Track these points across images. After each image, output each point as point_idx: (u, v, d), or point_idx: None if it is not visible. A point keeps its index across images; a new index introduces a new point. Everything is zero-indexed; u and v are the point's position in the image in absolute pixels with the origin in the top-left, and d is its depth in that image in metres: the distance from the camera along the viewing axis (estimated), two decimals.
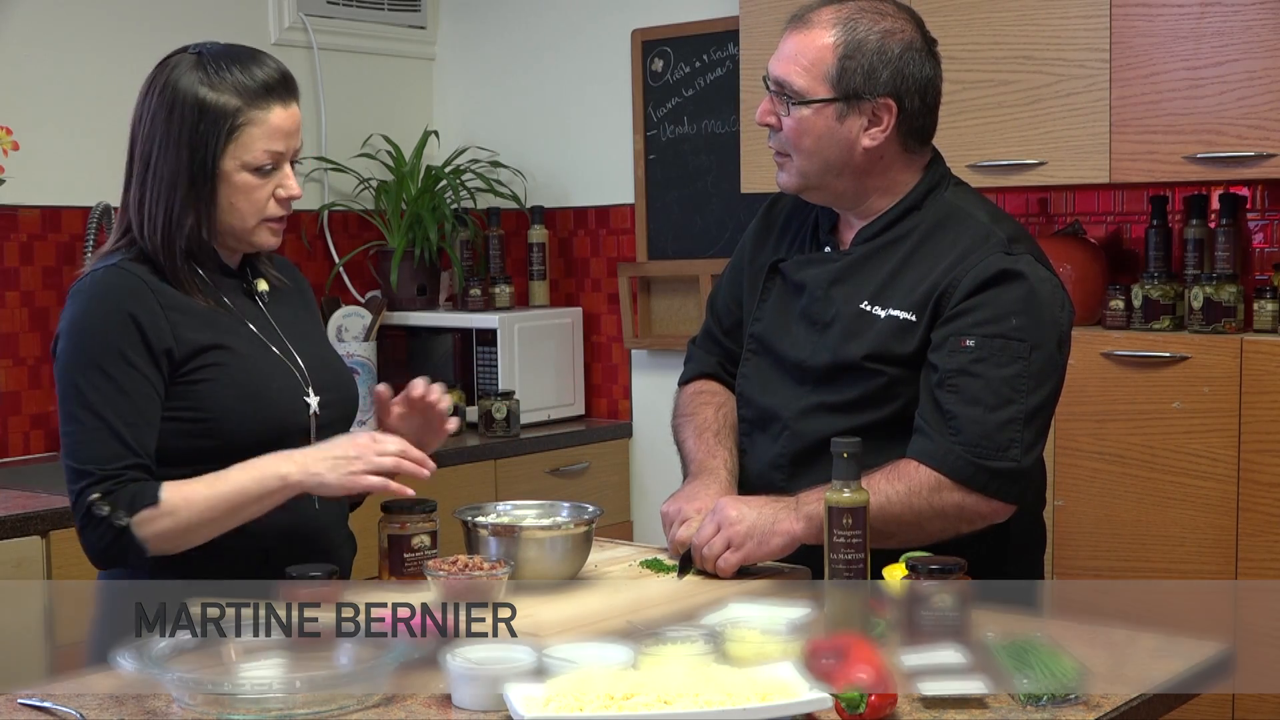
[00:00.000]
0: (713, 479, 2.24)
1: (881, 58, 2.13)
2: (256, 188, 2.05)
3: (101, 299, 2.01)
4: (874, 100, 2.14)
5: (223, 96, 2.01)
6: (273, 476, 1.97)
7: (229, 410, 2.02)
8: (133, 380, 1.98)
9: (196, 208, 2.03)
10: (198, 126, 2.01)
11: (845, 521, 1.83)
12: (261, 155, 2.03)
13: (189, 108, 2.01)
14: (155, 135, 2.03)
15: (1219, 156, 3.05)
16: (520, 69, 4.57)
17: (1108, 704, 1.65)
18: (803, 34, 2.16)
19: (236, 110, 2.01)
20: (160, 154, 2.03)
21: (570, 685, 1.57)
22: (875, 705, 1.57)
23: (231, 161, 2.02)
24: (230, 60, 2.05)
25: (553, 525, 2.07)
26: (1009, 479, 2.05)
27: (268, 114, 2.03)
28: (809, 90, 2.14)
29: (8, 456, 3.62)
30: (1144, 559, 3.15)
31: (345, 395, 2.21)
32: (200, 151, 2.01)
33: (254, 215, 2.06)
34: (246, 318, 2.12)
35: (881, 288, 2.16)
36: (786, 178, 2.22)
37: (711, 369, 2.44)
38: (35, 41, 3.69)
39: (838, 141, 2.15)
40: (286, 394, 2.09)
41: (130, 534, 1.94)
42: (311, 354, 2.17)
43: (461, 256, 4.38)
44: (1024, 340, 2.07)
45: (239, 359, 2.05)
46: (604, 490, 4.20)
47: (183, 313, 2.03)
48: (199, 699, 1.63)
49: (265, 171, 2.04)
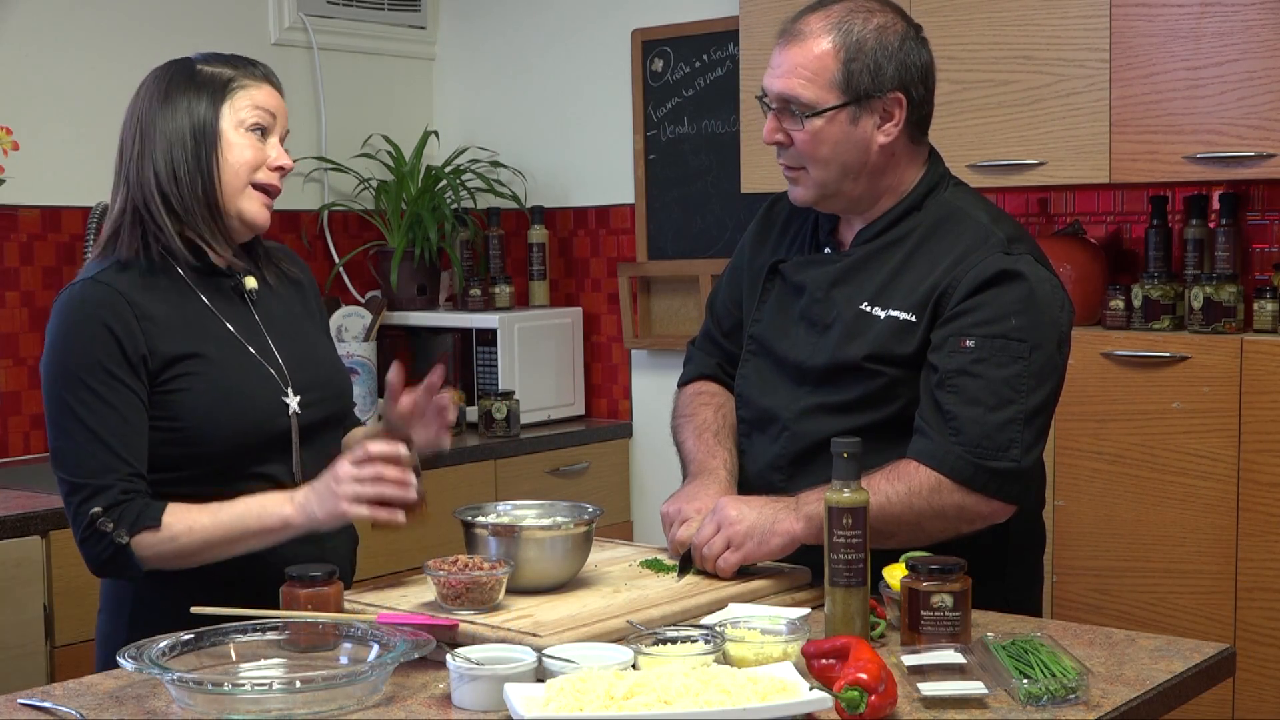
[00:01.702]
0: (712, 479, 2.24)
1: (884, 53, 2.12)
2: (248, 146, 2.10)
3: (78, 313, 2.02)
4: (884, 97, 2.13)
5: (216, 68, 2.13)
6: (274, 517, 1.99)
7: (205, 418, 2.03)
8: (116, 392, 1.99)
9: (200, 169, 2.08)
10: (196, 90, 2.09)
11: (845, 521, 1.83)
12: (252, 113, 2.11)
13: (184, 80, 2.10)
14: (151, 119, 2.09)
15: (1219, 156, 3.05)
16: (520, 69, 4.57)
17: (1108, 704, 1.66)
18: (797, 46, 2.14)
19: (230, 77, 2.12)
20: (158, 128, 2.08)
21: (570, 685, 1.57)
22: (875, 705, 1.57)
23: (226, 120, 2.09)
24: (221, 53, 2.18)
25: (553, 525, 2.07)
26: (1009, 479, 2.05)
27: (259, 85, 2.13)
28: (818, 100, 2.12)
29: (8, 456, 3.62)
30: (1144, 559, 3.15)
31: (333, 393, 2.21)
32: (199, 109, 2.08)
33: (245, 173, 2.10)
34: (228, 318, 2.11)
35: (881, 288, 2.16)
36: (802, 191, 2.20)
37: (710, 370, 2.44)
38: (35, 41, 3.69)
39: (854, 144, 2.14)
40: (262, 397, 2.08)
41: (129, 552, 1.97)
42: (297, 352, 2.17)
43: (461, 256, 4.38)
44: (1024, 340, 2.07)
45: (213, 365, 2.05)
46: (604, 490, 4.20)
47: (157, 322, 2.03)
48: (199, 699, 1.63)
49: (258, 133, 2.11)
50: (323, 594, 1.86)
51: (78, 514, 1.98)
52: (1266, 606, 3.00)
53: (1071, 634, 1.94)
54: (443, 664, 1.71)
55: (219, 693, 1.63)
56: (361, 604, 1.96)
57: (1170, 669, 1.78)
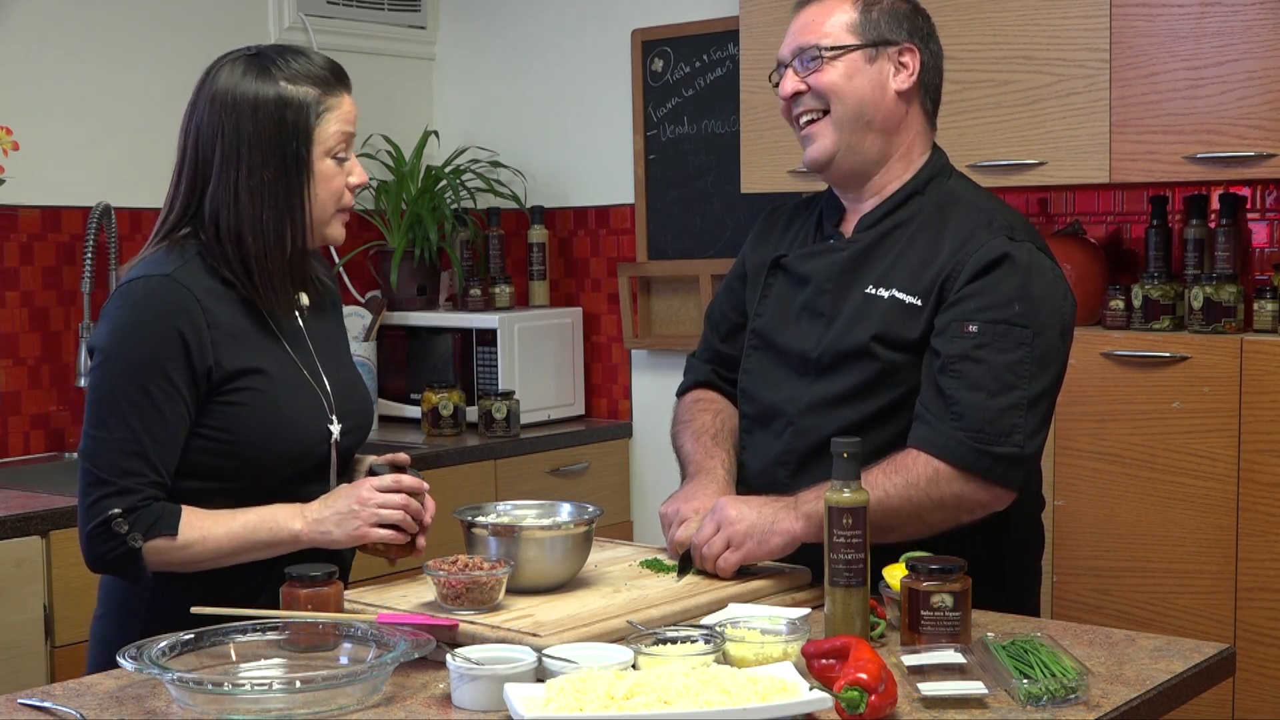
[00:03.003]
0: (710, 479, 2.24)
1: (899, 8, 2.21)
2: (334, 175, 2.06)
3: (152, 311, 1.98)
4: (899, 45, 2.19)
5: (301, 88, 2.02)
6: (285, 531, 2.00)
7: (254, 437, 2.02)
8: (169, 399, 1.97)
9: (293, 209, 2.03)
10: (284, 121, 2.01)
11: (845, 521, 1.83)
12: (337, 138, 2.05)
13: (271, 106, 2.01)
14: (236, 143, 2.00)
15: (1219, 156, 3.05)
16: (520, 69, 4.57)
17: (1108, 704, 1.66)
18: (815, 6, 2.21)
19: (317, 99, 2.03)
20: (246, 165, 2.00)
21: (570, 685, 1.57)
22: (875, 705, 1.57)
23: (316, 150, 2.04)
24: (291, 55, 2.05)
25: (553, 525, 2.07)
26: (1011, 464, 2.05)
27: (340, 99, 2.06)
28: (837, 41, 2.18)
29: (8, 456, 3.62)
30: (1144, 559, 3.15)
31: (364, 420, 2.22)
32: (292, 145, 2.01)
33: (332, 203, 2.07)
34: (284, 334, 2.09)
35: (886, 271, 2.17)
36: (820, 142, 2.20)
37: (707, 377, 2.44)
38: (35, 41, 3.69)
39: (871, 80, 2.18)
40: (312, 425, 2.08)
41: (139, 556, 1.96)
42: (340, 377, 2.16)
43: (461, 256, 4.38)
44: (1027, 326, 2.07)
45: (272, 385, 2.04)
46: (604, 490, 4.20)
47: (227, 332, 2.01)
48: (199, 699, 1.63)
49: (340, 158, 2.06)
50: (323, 594, 1.86)
51: (94, 508, 1.96)
52: (1266, 606, 3.00)
53: (1071, 634, 1.94)
54: (443, 664, 1.71)
55: (219, 693, 1.63)
56: (361, 604, 1.96)
57: (1170, 669, 1.79)
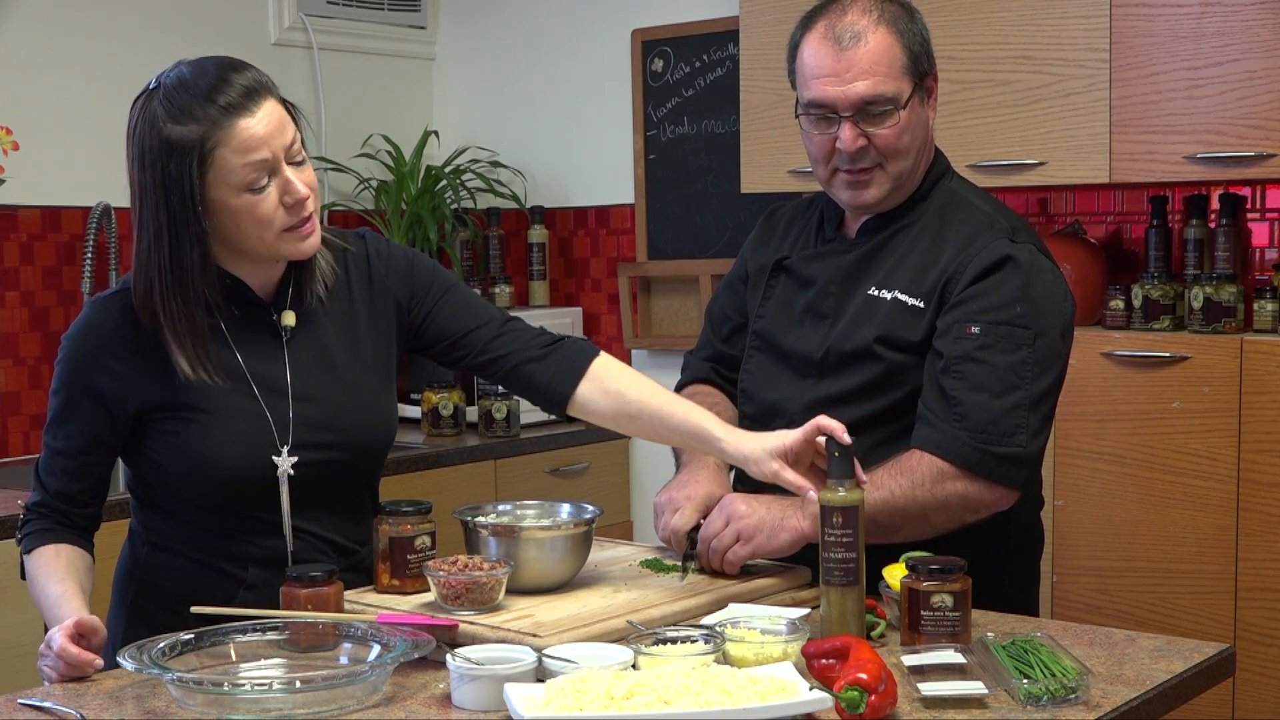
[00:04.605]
0: (701, 466, 2.23)
1: (923, 32, 2.18)
2: (257, 204, 1.91)
3: (82, 334, 2.01)
4: (931, 73, 2.19)
5: (185, 127, 1.87)
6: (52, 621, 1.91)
7: (180, 467, 2.00)
8: (88, 421, 2.00)
9: (191, 248, 1.91)
10: (168, 167, 1.88)
11: (835, 520, 1.82)
12: (245, 172, 1.88)
13: (157, 151, 1.89)
14: (139, 186, 1.93)
15: (1219, 156, 3.05)
16: (520, 69, 4.57)
17: (1108, 704, 1.65)
18: (860, 47, 2.11)
19: (201, 138, 1.86)
20: (144, 208, 1.92)
21: (570, 685, 1.57)
22: (875, 705, 1.57)
23: (220, 190, 1.89)
24: (187, 85, 1.90)
25: (553, 525, 2.07)
26: (1014, 464, 2.05)
27: (233, 131, 1.87)
28: (899, 91, 2.13)
29: (8, 456, 3.62)
30: (1144, 559, 3.15)
31: (357, 439, 2.07)
32: (178, 190, 1.88)
33: (268, 231, 1.93)
34: (248, 361, 2.01)
35: (889, 273, 2.18)
36: (875, 190, 2.17)
37: (704, 374, 2.44)
38: (35, 41, 3.69)
39: (923, 126, 2.19)
40: (241, 458, 1.98)
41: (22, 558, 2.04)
42: (326, 397, 2.04)
43: (461, 256, 4.38)
44: (1028, 327, 2.08)
45: (191, 424, 1.98)
46: (604, 490, 4.20)
47: (154, 361, 1.97)
48: (199, 699, 1.63)
49: (261, 187, 1.90)
50: (323, 594, 1.86)
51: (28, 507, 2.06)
52: (1266, 606, 3.00)
53: (1071, 634, 1.94)
54: (443, 664, 1.71)
55: (219, 693, 1.63)
56: (361, 604, 1.96)
57: (1170, 669, 1.78)
